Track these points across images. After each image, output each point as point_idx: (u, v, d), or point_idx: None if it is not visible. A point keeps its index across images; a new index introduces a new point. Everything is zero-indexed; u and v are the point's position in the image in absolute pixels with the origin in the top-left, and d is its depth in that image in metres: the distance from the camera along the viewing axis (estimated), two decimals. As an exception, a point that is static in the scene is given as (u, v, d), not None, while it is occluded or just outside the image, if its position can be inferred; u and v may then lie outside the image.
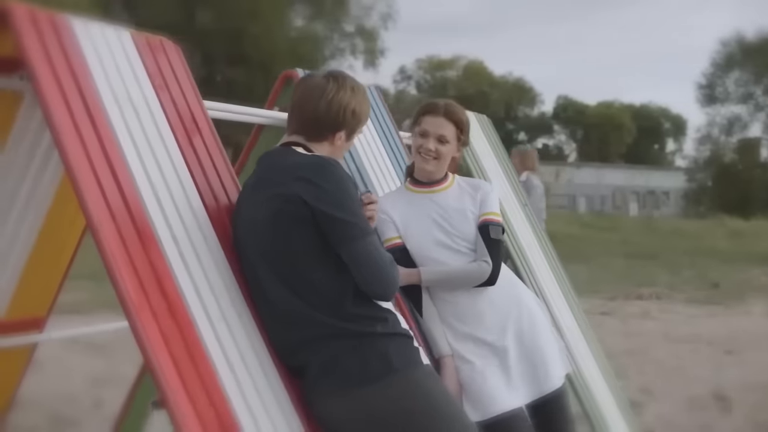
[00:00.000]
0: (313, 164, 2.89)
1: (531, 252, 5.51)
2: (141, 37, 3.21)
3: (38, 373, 7.08)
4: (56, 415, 6.65)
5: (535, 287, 5.23)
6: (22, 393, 6.34)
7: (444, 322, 3.83)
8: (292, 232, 2.84)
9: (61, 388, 7.22)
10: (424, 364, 2.94)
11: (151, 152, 2.96)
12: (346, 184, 2.88)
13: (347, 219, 2.83)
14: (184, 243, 2.87)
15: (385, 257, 2.91)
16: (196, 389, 2.60)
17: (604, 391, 5.43)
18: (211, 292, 2.86)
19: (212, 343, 2.75)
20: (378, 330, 2.87)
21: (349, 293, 2.87)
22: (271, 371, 2.91)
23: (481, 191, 3.89)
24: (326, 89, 3.02)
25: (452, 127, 3.81)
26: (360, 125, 3.14)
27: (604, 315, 12.12)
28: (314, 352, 2.87)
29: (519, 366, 3.75)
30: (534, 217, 5.94)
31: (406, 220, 3.87)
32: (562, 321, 5.33)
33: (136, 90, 3.05)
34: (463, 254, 3.81)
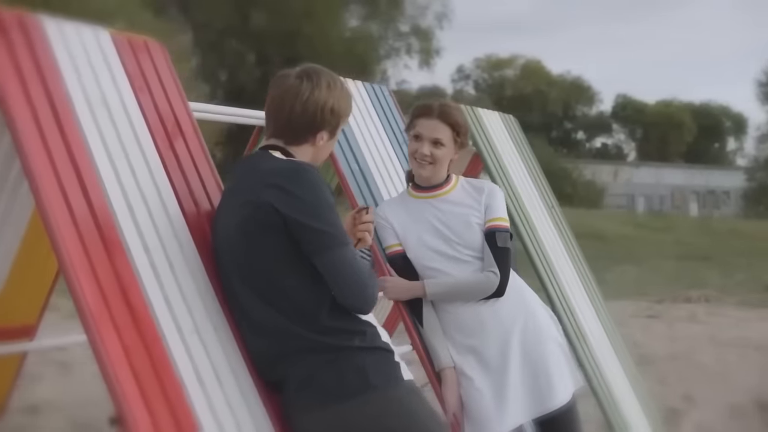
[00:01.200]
0: (286, 170, 2.74)
1: (556, 256, 5.32)
2: (122, 37, 3.11)
3: (63, 378, 7.08)
4: (79, 420, 6.60)
5: (557, 293, 5.05)
6: (45, 398, 6.33)
7: (446, 333, 3.68)
8: (262, 240, 2.71)
9: (85, 394, 7.18)
10: (405, 379, 2.78)
11: (124, 156, 2.85)
12: (321, 191, 2.72)
13: (321, 228, 2.69)
14: (156, 251, 2.75)
15: (362, 268, 2.75)
16: (158, 406, 2.48)
17: (631, 399, 5.23)
18: (183, 304, 2.74)
19: (181, 357, 2.63)
20: (355, 344, 2.73)
21: (325, 305, 2.73)
22: (248, 386, 2.78)
23: (486, 194, 3.71)
24: (300, 90, 2.85)
25: (448, 129, 3.64)
26: (342, 121, 2.97)
27: (651, 318, 11.81)
28: (291, 366, 2.73)
29: (522, 382, 3.58)
30: (562, 220, 5.75)
31: (404, 228, 3.72)
32: (585, 326, 5.15)
33: (113, 92, 2.94)
34: (467, 263, 3.64)
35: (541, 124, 65.69)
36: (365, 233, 3.09)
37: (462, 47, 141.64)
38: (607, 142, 74.14)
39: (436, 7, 52.85)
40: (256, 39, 40.97)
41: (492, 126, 5.46)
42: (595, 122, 71.17)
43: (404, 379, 2.77)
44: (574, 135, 72.11)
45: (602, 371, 5.01)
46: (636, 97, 72.36)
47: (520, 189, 5.35)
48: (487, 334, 3.62)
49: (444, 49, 67.89)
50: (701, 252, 21.67)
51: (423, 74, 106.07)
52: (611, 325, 5.52)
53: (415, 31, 46.62)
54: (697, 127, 67.34)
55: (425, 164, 3.65)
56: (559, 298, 5.03)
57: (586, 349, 5.00)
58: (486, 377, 3.58)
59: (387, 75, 47.46)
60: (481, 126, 5.30)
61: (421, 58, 47.23)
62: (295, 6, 39.34)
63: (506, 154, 5.46)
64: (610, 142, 74.26)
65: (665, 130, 66.69)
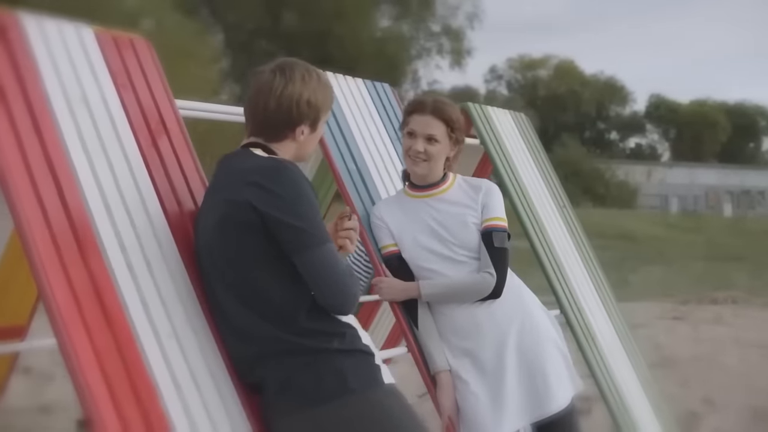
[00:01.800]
0: (266, 168, 2.68)
1: (566, 257, 5.23)
2: (106, 34, 3.06)
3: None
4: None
5: (566, 294, 4.96)
6: (56, 398, 6.32)
7: (441, 336, 3.60)
8: (240, 239, 2.65)
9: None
10: (386, 383, 2.71)
11: (104, 155, 2.80)
12: (302, 189, 2.66)
13: (300, 226, 2.62)
14: (133, 252, 2.70)
15: (342, 268, 2.68)
16: (129, 409, 2.43)
17: (643, 403, 5.13)
18: (161, 306, 2.68)
19: (157, 360, 2.58)
20: (334, 346, 2.66)
21: (304, 306, 2.66)
22: (228, 389, 2.73)
23: (483, 193, 3.63)
24: (273, 86, 2.78)
25: (441, 125, 3.56)
26: (322, 113, 2.89)
27: (676, 320, 11.67)
28: (270, 369, 2.67)
29: (518, 385, 3.49)
30: (574, 221, 5.66)
31: (400, 228, 3.65)
32: (596, 328, 5.06)
33: (94, 90, 2.89)
34: (463, 264, 3.56)
35: (575, 124, 65.50)
36: (346, 240, 3.00)
37: (495, 47, 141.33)
38: (641, 142, 73.72)
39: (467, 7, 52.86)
40: (287, 40, 41.09)
41: (502, 124, 5.38)
42: (628, 122, 70.76)
43: (384, 383, 2.70)
44: (608, 135, 71.75)
45: (612, 374, 4.92)
46: (670, 97, 71.86)
47: (530, 188, 5.26)
48: (483, 336, 3.54)
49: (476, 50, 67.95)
50: (732, 253, 21.44)
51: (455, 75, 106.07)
52: (624, 328, 5.42)
53: (446, 32, 46.68)
54: (731, 127, 66.76)
55: (419, 161, 3.58)
56: (568, 300, 4.94)
57: (596, 351, 4.91)
58: (482, 380, 3.51)
59: (418, 75, 47.54)
60: (489, 124, 5.22)
61: (452, 59, 47.27)
62: (326, 6, 39.42)
63: (516, 152, 5.37)
64: (643, 142, 73.84)
65: (699, 129, 66.18)
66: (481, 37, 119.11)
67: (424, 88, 47.41)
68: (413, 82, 46.80)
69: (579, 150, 50.79)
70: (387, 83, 4.56)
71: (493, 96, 63.72)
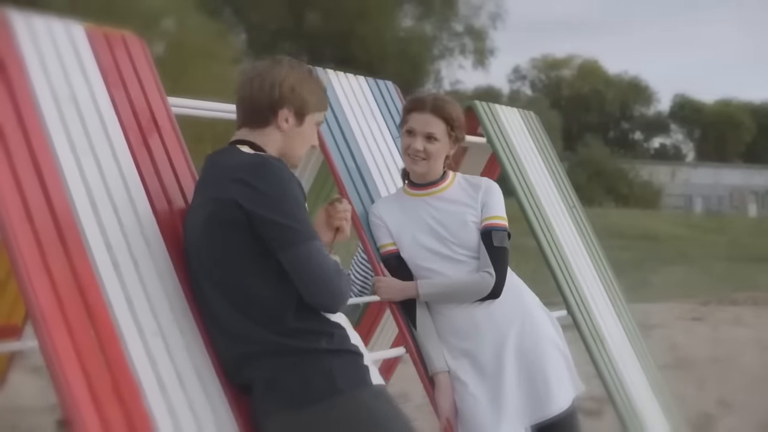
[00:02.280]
0: (251, 164, 2.65)
1: (574, 257, 5.16)
2: (97, 31, 3.04)
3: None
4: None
5: (574, 295, 4.90)
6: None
7: (440, 336, 3.56)
8: (225, 238, 2.61)
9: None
10: (375, 384, 2.67)
11: (91, 153, 2.77)
12: (287, 186, 2.62)
13: (285, 223, 2.58)
14: (119, 250, 2.67)
15: (329, 264, 2.64)
16: (111, 408, 2.40)
17: (652, 405, 5.06)
18: (147, 304, 2.65)
19: (141, 359, 2.55)
20: (322, 346, 2.62)
21: (291, 305, 2.62)
22: (215, 389, 2.70)
23: (483, 191, 3.58)
24: (259, 68, 2.78)
25: (441, 123, 3.51)
26: (309, 107, 2.83)
27: (695, 320, 11.57)
28: (257, 369, 2.64)
29: (518, 387, 3.44)
30: (584, 221, 5.59)
31: (398, 227, 3.61)
32: (604, 330, 4.99)
33: (83, 87, 2.87)
34: (463, 263, 3.52)
35: (599, 124, 65.25)
36: (343, 222, 2.98)
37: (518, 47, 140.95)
38: (665, 143, 73.27)
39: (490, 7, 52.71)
40: (310, 40, 41.14)
41: (510, 123, 5.33)
42: (652, 122, 70.38)
43: (373, 384, 2.66)
44: (632, 135, 71.39)
45: (621, 376, 4.85)
46: (694, 97, 71.43)
47: (538, 188, 5.20)
48: (482, 337, 3.49)
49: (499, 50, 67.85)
50: (756, 253, 21.22)
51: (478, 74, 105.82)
52: (634, 329, 5.35)
53: (468, 31, 46.57)
54: (756, 127, 66.26)
55: (418, 160, 3.53)
56: (576, 301, 4.88)
57: (604, 353, 4.85)
58: (481, 382, 3.46)
59: (441, 75, 47.47)
60: (497, 122, 5.17)
61: (475, 59, 47.17)
62: (349, 7, 39.42)
63: (524, 151, 5.31)
64: (668, 143, 73.39)
65: (724, 129, 65.75)
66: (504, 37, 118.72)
67: (447, 88, 47.39)
68: (436, 82, 46.78)
69: (602, 150, 50.54)
70: (390, 81, 4.53)
71: (517, 96, 63.56)
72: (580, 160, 46.44)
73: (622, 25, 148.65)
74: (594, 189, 40.42)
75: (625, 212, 30.44)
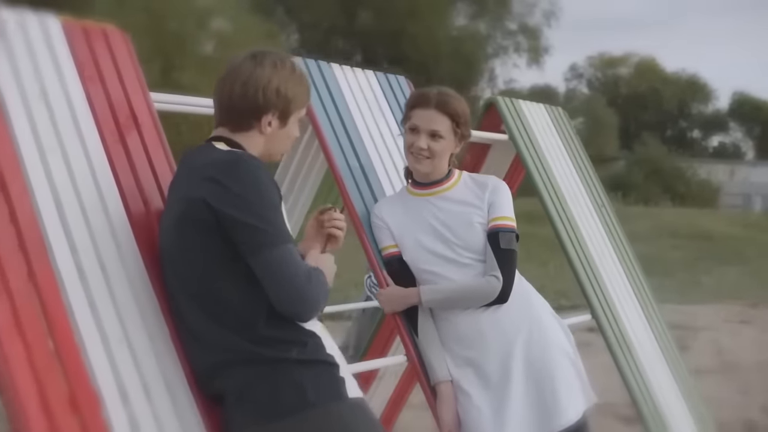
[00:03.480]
0: (223, 162, 2.49)
1: (601, 259, 4.95)
2: (75, 25, 2.91)
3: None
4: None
5: (599, 299, 4.69)
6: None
7: (444, 344, 3.38)
8: (196, 239, 2.47)
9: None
10: (350, 397, 2.50)
11: (60, 151, 2.64)
12: (261, 185, 2.46)
13: (255, 224, 2.42)
14: (85, 252, 2.53)
15: (299, 270, 2.47)
16: (66, 421, 2.27)
17: (681, 411, 4.85)
18: (113, 310, 2.52)
19: (103, 368, 2.41)
20: (293, 356, 2.45)
21: (263, 312, 2.46)
22: (185, 400, 2.55)
23: (490, 191, 3.40)
24: (241, 70, 2.60)
25: (446, 120, 3.33)
26: (294, 106, 2.67)
27: (743, 323, 11.22)
28: (228, 379, 2.49)
29: (525, 398, 3.25)
30: (614, 221, 5.37)
31: (401, 228, 3.43)
32: (631, 335, 4.79)
33: (55, 83, 2.73)
34: (468, 267, 3.34)
35: (656, 122, 64.39)
36: (333, 229, 2.85)
37: (575, 46, 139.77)
38: (724, 141, 72.07)
39: (544, 4, 52.14)
40: (362, 39, 41.06)
41: (535, 119, 5.13)
42: (711, 120, 69.27)
43: (348, 396, 2.48)
44: (690, 133, 70.30)
45: (647, 382, 4.65)
46: (754, 95, 70.08)
47: (564, 187, 5.00)
48: (488, 345, 3.31)
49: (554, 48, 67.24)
50: (814, 254, 20.65)
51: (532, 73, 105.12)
52: (665, 333, 5.13)
53: (522, 30, 46.08)
54: (820, 124, 64.99)
55: (422, 158, 3.36)
56: (601, 305, 4.68)
57: (630, 358, 4.64)
58: (485, 393, 3.28)
59: (495, 74, 47.10)
60: (520, 119, 4.97)
61: (529, 57, 46.66)
62: (402, 5, 39.24)
63: (550, 149, 5.11)
64: (726, 141, 72.17)
65: (785, 127, 64.55)
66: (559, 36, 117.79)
67: (501, 87, 46.95)
68: (489, 81, 46.37)
69: (660, 148, 49.82)
70: (402, 76, 4.34)
71: (573, 95, 63.00)
72: (637, 158, 45.88)
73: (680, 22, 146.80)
74: (651, 188, 39.85)
75: (681, 211, 29.88)
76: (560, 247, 4.74)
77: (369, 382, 5.36)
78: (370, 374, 5.24)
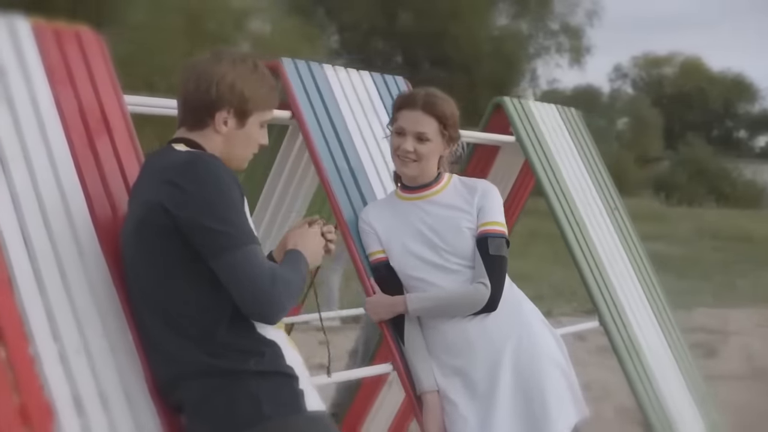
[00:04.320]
0: (180, 163, 2.41)
1: (612, 263, 4.83)
2: (46, 27, 2.85)
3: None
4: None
5: (608, 304, 4.58)
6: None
7: (431, 353, 3.28)
8: (156, 245, 2.40)
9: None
10: (310, 410, 2.41)
11: (22, 157, 2.58)
12: (220, 184, 2.37)
13: (215, 227, 2.34)
14: (44, 259, 2.48)
15: (262, 272, 2.37)
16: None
17: (693, 418, 4.72)
18: (72, 319, 2.47)
19: (58, 379, 2.37)
20: (250, 367, 2.37)
21: (223, 320, 2.38)
22: (147, 412, 2.50)
23: (479, 195, 3.30)
24: (197, 66, 2.53)
25: (433, 121, 3.23)
26: (252, 106, 2.57)
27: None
28: (186, 391, 2.43)
29: (513, 408, 3.13)
30: (628, 224, 5.25)
31: (388, 233, 3.34)
32: (641, 340, 4.67)
33: (20, 86, 2.68)
34: (456, 273, 3.24)
35: (701, 122, 63.63)
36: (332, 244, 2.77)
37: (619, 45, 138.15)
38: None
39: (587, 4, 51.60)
40: (402, 40, 40.92)
41: (544, 120, 5.02)
42: (758, 120, 68.23)
43: (306, 409, 2.40)
44: (736, 134, 69.32)
45: (657, 389, 4.54)
46: (803, 94, 68.97)
47: (573, 189, 4.89)
48: (475, 353, 3.21)
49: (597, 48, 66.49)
50: None
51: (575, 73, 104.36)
52: (678, 338, 5.00)
53: (564, 29, 45.68)
54: None
55: (408, 162, 3.27)
56: (609, 310, 4.57)
57: (638, 364, 4.53)
58: (472, 403, 3.18)
59: (537, 74, 46.75)
60: (529, 120, 4.87)
61: (571, 57, 46.24)
62: (442, 6, 39.05)
63: (560, 151, 5.00)
64: (773, 141, 71.12)
65: (834, 127, 63.51)
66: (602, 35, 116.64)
67: (543, 87, 46.58)
68: (532, 81, 46.01)
69: (705, 149, 49.18)
70: (400, 76, 4.25)
71: (617, 95, 62.30)
72: (682, 159, 45.30)
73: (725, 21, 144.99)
74: (695, 188, 39.37)
75: (723, 212, 29.43)
76: (567, 250, 4.64)
77: (377, 388, 5.28)
78: (378, 380, 5.15)
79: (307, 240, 2.66)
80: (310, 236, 2.68)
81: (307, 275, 2.59)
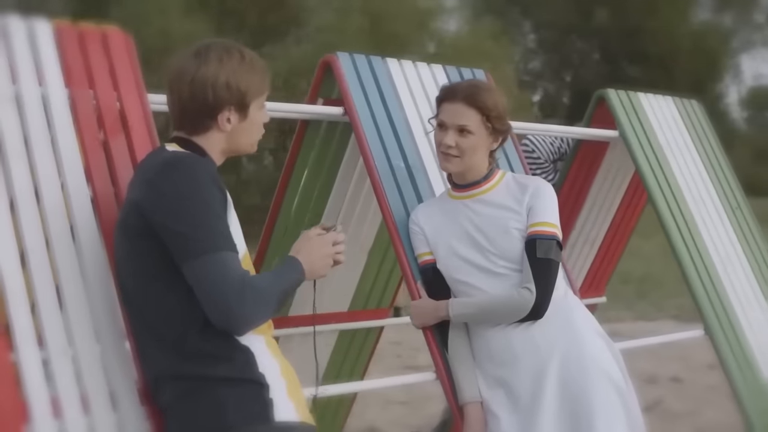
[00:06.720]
0: (160, 164, 2.33)
1: (726, 268, 4.48)
2: (70, 28, 2.86)
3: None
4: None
5: (716, 311, 4.24)
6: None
7: (477, 362, 3.10)
8: (134, 245, 2.34)
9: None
10: (277, 420, 2.28)
11: (26, 157, 2.59)
12: (192, 187, 2.27)
13: (183, 231, 2.24)
14: (37, 258, 2.48)
15: (231, 280, 2.23)
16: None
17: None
18: (60, 318, 2.46)
19: (37, 382, 2.35)
20: (218, 373, 2.27)
21: (197, 324, 2.28)
22: (133, 415, 2.46)
23: (530, 193, 3.08)
24: (186, 70, 2.41)
25: (475, 114, 3.03)
26: (250, 97, 2.46)
27: None
28: (162, 395, 2.37)
29: (556, 424, 2.90)
30: (751, 224, 4.86)
31: (436, 234, 3.18)
32: (756, 352, 4.30)
33: (32, 87, 2.69)
34: (503, 277, 3.04)
35: None
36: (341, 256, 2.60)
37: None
38: None
39: (798, -5, 49.00)
40: (599, 36, 40.07)
41: (657, 114, 4.72)
42: None
43: (274, 420, 2.27)
44: None
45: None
46: None
47: (685, 188, 4.56)
48: (519, 364, 3.00)
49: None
50: None
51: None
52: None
53: (772, 22, 43.66)
54: None
55: (450, 157, 3.09)
56: (718, 317, 4.24)
57: (750, 379, 4.17)
58: (514, 417, 2.97)
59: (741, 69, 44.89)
60: (636, 114, 4.59)
61: (781, 51, 44.17)
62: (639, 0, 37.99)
63: (672, 146, 4.69)
64: None
65: None
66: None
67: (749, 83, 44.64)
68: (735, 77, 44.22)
69: None
70: (481, 70, 4.05)
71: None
72: None
73: None
74: None
75: None
76: (673, 254, 4.33)
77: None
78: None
79: (313, 248, 2.52)
80: (317, 244, 2.54)
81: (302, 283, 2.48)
